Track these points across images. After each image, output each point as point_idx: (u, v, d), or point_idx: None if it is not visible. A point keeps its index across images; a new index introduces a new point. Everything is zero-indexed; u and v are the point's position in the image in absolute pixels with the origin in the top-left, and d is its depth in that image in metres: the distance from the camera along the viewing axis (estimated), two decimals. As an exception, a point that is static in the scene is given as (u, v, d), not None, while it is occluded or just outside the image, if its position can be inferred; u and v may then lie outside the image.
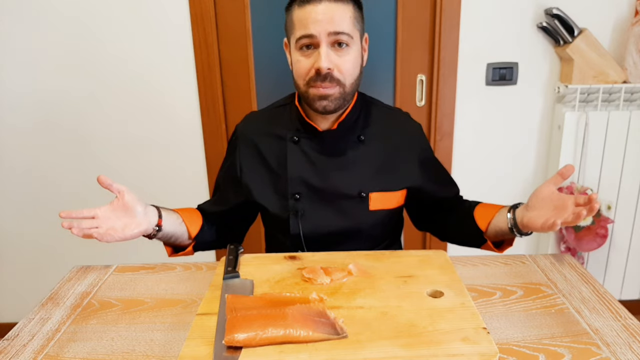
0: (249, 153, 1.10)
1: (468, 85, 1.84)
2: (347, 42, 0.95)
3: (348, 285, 0.85)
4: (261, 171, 1.09)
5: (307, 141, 1.06)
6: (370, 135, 1.08)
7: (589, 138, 1.79)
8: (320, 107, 0.98)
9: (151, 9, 1.74)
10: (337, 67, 0.96)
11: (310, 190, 1.06)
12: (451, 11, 1.76)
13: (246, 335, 0.68)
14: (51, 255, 2.01)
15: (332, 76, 0.95)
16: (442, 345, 0.68)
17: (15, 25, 1.74)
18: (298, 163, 1.06)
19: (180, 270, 1.04)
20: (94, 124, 1.86)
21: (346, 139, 1.07)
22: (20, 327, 0.85)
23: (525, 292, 0.92)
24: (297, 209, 1.06)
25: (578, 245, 1.78)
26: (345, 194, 1.06)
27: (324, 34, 0.93)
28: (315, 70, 0.95)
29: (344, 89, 0.98)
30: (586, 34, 1.70)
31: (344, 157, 1.06)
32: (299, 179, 1.06)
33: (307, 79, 0.97)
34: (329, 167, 1.06)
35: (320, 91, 0.96)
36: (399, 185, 1.09)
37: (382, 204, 1.08)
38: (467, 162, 1.93)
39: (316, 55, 0.95)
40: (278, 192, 1.08)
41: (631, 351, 0.74)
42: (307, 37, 0.94)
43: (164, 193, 1.94)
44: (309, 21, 0.93)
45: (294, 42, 0.97)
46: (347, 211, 1.06)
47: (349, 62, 0.97)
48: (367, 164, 1.07)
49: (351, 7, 0.96)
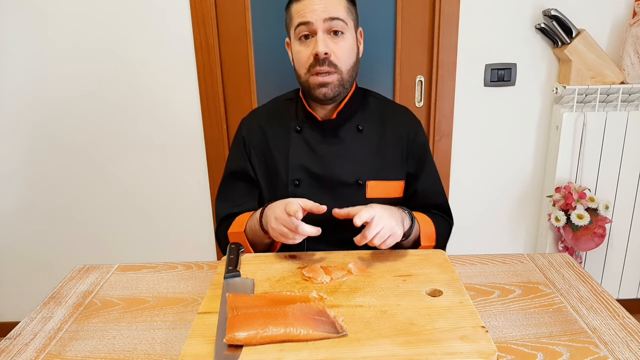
0: (255, 139, 1.15)
1: (467, 86, 1.85)
2: (342, 29, 1.02)
3: (348, 284, 0.86)
4: (265, 158, 1.14)
5: (309, 130, 1.12)
6: (369, 125, 1.13)
7: (587, 138, 1.80)
8: (320, 95, 1.04)
9: (152, 10, 1.74)
10: (334, 53, 1.02)
11: (310, 177, 1.10)
12: (450, 13, 1.76)
13: (247, 333, 0.68)
14: (52, 254, 2.01)
15: (330, 61, 1.02)
16: (441, 343, 0.68)
17: (15, 26, 1.75)
18: (299, 151, 1.11)
19: (181, 269, 1.04)
20: (94, 125, 1.86)
21: (345, 128, 1.12)
22: (22, 326, 0.85)
23: (523, 291, 0.92)
24: (297, 194, 1.09)
25: (576, 244, 1.79)
26: (343, 182, 1.10)
27: (319, 20, 1.00)
28: (313, 56, 1.01)
29: (342, 76, 1.04)
30: (584, 35, 1.71)
31: (343, 145, 1.11)
32: (299, 166, 1.11)
33: (307, 67, 1.03)
34: (328, 155, 1.11)
35: (319, 79, 1.02)
36: (396, 176, 1.13)
37: (379, 193, 1.11)
38: (465, 163, 1.94)
39: (314, 42, 1.02)
40: (279, 178, 1.12)
41: (629, 350, 0.75)
42: (305, 25, 1.01)
43: (165, 193, 1.95)
44: (306, 10, 1.01)
45: (293, 34, 1.04)
46: (344, 198, 1.09)
47: (345, 48, 1.03)
48: (365, 152, 1.11)
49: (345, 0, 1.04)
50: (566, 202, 1.78)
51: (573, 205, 1.77)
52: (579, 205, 1.76)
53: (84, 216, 1.97)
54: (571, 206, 1.77)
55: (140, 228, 1.99)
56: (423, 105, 1.90)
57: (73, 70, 1.80)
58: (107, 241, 2.00)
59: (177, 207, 1.97)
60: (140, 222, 1.98)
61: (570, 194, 1.78)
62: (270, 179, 1.14)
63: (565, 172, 1.84)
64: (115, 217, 1.97)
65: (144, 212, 1.97)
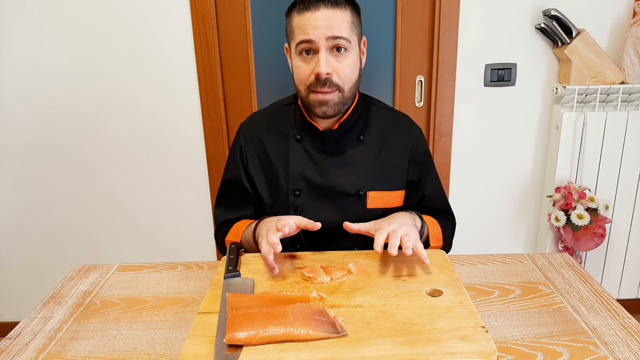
0: (253, 147, 1.13)
1: (467, 86, 1.85)
2: (345, 46, 0.98)
3: (348, 284, 0.86)
4: (264, 166, 1.13)
5: (309, 139, 1.10)
6: (370, 135, 1.11)
7: (587, 138, 1.80)
8: (320, 112, 1.01)
9: (152, 10, 1.74)
10: (336, 72, 0.98)
11: (310, 186, 1.09)
12: (450, 12, 1.76)
13: (247, 333, 0.69)
14: (52, 254, 2.01)
15: (332, 81, 0.98)
16: (441, 343, 0.68)
17: (15, 26, 1.75)
18: (299, 160, 1.09)
19: (181, 269, 1.04)
20: (94, 126, 1.86)
21: (346, 138, 1.09)
22: (22, 326, 0.85)
23: (523, 291, 0.92)
24: (297, 204, 1.08)
25: (576, 244, 1.79)
26: (343, 192, 1.08)
27: (322, 39, 0.95)
28: (315, 76, 0.97)
29: (343, 94, 1.01)
30: (584, 35, 1.71)
31: (344, 155, 1.09)
32: (299, 175, 1.09)
33: (307, 84, 1.00)
34: (329, 165, 1.09)
35: (319, 97, 0.99)
36: (397, 186, 1.11)
37: (380, 203, 1.10)
38: (465, 163, 1.94)
39: (315, 60, 0.97)
40: (279, 187, 1.11)
41: (629, 350, 0.75)
42: (307, 42, 0.97)
43: (166, 194, 1.95)
44: (308, 27, 0.96)
45: (294, 48, 1.00)
46: (345, 208, 1.08)
47: (348, 66, 0.99)
48: (366, 163, 1.09)
49: (349, 12, 0.99)
50: (566, 202, 1.78)
51: (573, 205, 1.77)
52: (579, 205, 1.76)
53: (84, 216, 1.97)
54: (571, 206, 1.77)
55: (140, 228, 1.99)
56: (423, 105, 1.90)
57: (72, 70, 1.80)
58: (107, 241, 2.00)
59: (177, 207, 1.97)
60: (140, 222, 1.98)
61: (570, 194, 1.78)
62: (271, 186, 1.13)
63: (565, 172, 1.84)
64: (116, 217, 1.97)
65: (144, 212, 1.97)
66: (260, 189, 1.13)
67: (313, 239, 1.08)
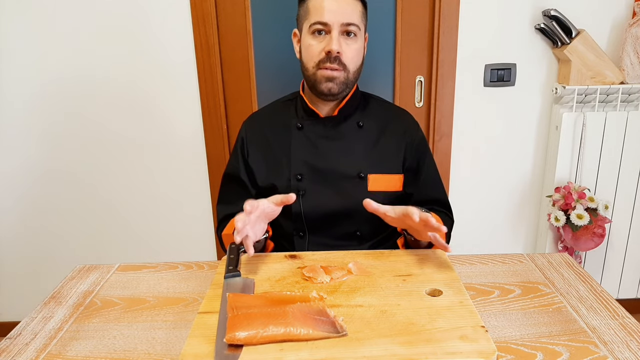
0: (255, 138, 1.18)
1: (466, 86, 1.85)
2: (355, 32, 1.06)
3: (348, 283, 0.86)
4: (266, 155, 1.16)
5: (310, 127, 1.15)
6: (369, 123, 1.17)
7: (587, 138, 1.80)
8: (326, 89, 1.07)
9: (152, 10, 1.74)
10: (345, 53, 1.06)
11: (312, 171, 1.13)
12: (450, 13, 1.76)
13: (247, 333, 0.69)
14: (53, 254, 2.01)
15: (340, 60, 1.05)
16: (441, 343, 0.69)
17: (15, 27, 1.75)
18: (301, 146, 1.14)
19: (181, 269, 1.04)
20: (94, 125, 1.86)
21: (346, 124, 1.15)
22: (22, 325, 0.86)
23: (523, 291, 0.93)
24: (299, 188, 1.12)
25: (576, 244, 1.79)
26: (345, 175, 1.12)
27: (337, 23, 1.04)
28: (326, 53, 1.05)
29: (348, 75, 1.08)
30: (584, 35, 1.71)
31: (344, 140, 1.14)
32: (301, 161, 1.13)
33: (317, 61, 1.06)
34: (330, 150, 1.14)
35: (327, 73, 1.06)
36: (396, 169, 1.15)
37: (381, 186, 1.13)
38: (465, 163, 1.94)
39: (328, 39, 1.05)
40: (282, 174, 1.14)
41: (628, 350, 0.75)
42: (321, 24, 1.04)
43: (165, 193, 1.95)
44: (325, 10, 1.04)
45: (307, 27, 1.07)
46: (347, 191, 1.12)
47: (355, 50, 1.07)
48: (365, 147, 1.14)
49: (360, 4, 1.09)
50: (566, 202, 1.78)
51: (573, 205, 1.77)
52: (579, 205, 1.76)
53: (84, 216, 1.97)
54: (571, 206, 1.77)
55: (140, 228, 1.99)
56: (423, 105, 1.90)
57: (73, 70, 1.80)
58: (108, 241, 2.00)
59: (177, 207, 1.97)
60: (140, 222, 1.98)
61: (569, 193, 1.78)
62: (273, 174, 1.16)
63: (565, 172, 1.84)
64: (116, 217, 1.97)
65: (145, 211, 1.97)
66: (261, 178, 1.16)
67: (315, 222, 1.12)
